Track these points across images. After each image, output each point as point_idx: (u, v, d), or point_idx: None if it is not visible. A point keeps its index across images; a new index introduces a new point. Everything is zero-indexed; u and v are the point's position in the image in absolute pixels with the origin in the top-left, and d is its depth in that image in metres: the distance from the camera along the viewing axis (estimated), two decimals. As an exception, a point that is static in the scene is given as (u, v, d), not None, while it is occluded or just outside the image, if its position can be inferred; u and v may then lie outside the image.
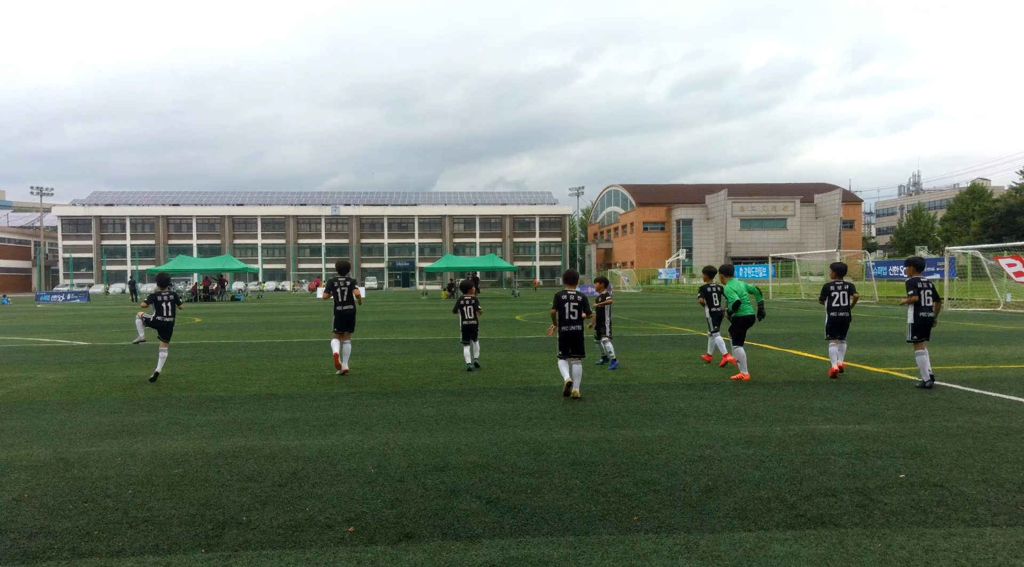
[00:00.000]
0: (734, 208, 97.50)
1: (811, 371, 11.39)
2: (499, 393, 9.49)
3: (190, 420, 7.82)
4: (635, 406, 8.51)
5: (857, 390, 9.56)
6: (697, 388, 9.82)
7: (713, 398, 9.01)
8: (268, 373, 11.61)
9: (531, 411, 8.21)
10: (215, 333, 20.42)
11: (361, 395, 9.38)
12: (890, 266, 41.88)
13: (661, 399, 8.97)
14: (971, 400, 8.77)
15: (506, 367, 12.15)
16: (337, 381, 10.62)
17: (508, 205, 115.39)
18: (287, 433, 7.14)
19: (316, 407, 8.53)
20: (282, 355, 14.27)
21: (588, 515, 4.71)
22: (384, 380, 10.69)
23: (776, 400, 8.86)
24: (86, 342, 17.82)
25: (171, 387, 10.17)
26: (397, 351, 14.85)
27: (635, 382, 10.35)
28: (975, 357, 13.11)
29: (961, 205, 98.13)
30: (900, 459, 6.03)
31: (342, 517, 4.66)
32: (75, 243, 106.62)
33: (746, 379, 10.48)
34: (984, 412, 8.03)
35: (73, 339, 18.82)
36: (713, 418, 7.78)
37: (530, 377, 10.92)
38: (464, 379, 10.78)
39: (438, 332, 19.93)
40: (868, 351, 14.18)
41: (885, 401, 8.72)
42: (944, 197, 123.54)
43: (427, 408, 8.43)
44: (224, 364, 12.85)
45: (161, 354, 11.09)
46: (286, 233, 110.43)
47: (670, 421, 7.64)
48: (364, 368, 12.09)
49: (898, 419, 7.67)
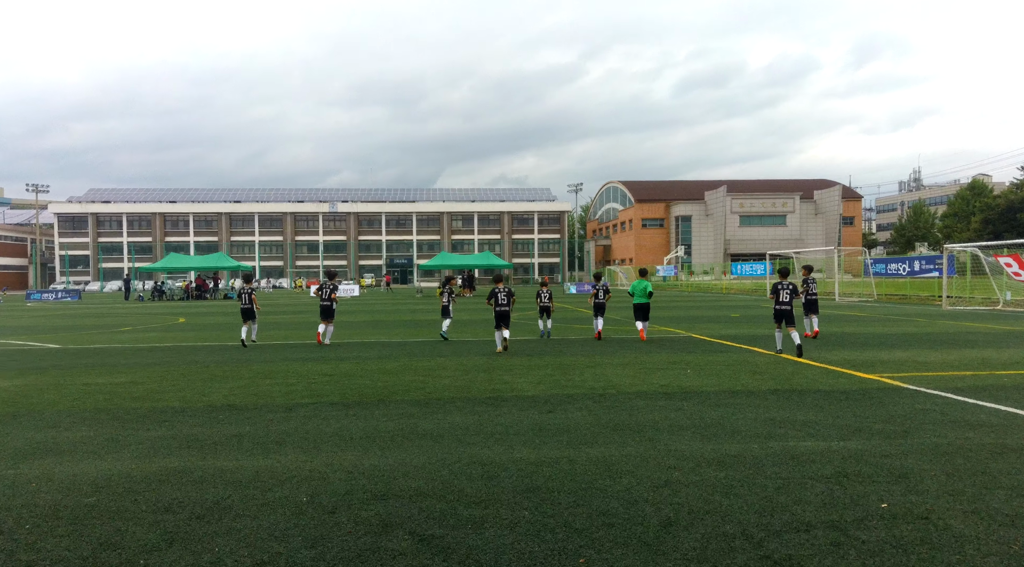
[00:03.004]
0: (733, 204, 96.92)
1: (799, 378, 10.89)
2: (467, 404, 9.00)
3: (129, 437, 7.32)
4: (607, 419, 8.02)
5: (845, 400, 9.06)
6: (676, 398, 9.33)
7: (691, 410, 8.51)
8: (233, 380, 11.12)
9: (496, 425, 7.72)
10: (193, 335, 19.93)
11: (321, 406, 8.89)
12: (888, 263, 41.34)
13: (636, 411, 8.47)
14: (965, 412, 8.26)
15: (481, 373, 11.66)
16: (299, 390, 10.12)
17: (507, 202, 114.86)
18: (228, 452, 6.64)
19: (269, 420, 8.04)
20: (253, 360, 13.78)
21: (530, 557, 4.21)
22: (350, 388, 10.20)
23: (758, 411, 8.36)
24: (57, 345, 17.33)
25: (124, 397, 9.67)
26: (374, 355, 14.35)
27: (612, 391, 9.85)
28: (972, 362, 12.60)
29: (962, 201, 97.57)
30: (883, 484, 5.53)
31: (252, 560, 4.17)
32: (72, 240, 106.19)
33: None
34: (978, 426, 7.53)
35: (46, 342, 18.33)
36: (688, 433, 7.29)
37: (504, 385, 10.42)
38: (435, 387, 10.30)
39: (420, 333, 19.44)
40: (860, 355, 13.68)
41: (874, 413, 8.22)
42: (945, 193, 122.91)
43: (387, 421, 7.93)
44: (190, 370, 12.36)
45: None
46: (284, 230, 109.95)
47: (641, 437, 7.14)
48: (334, 374, 11.61)
49: (885, 435, 7.17)
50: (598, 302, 17.80)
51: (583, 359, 13.41)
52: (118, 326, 24.05)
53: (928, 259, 38.46)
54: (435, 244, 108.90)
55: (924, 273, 37.76)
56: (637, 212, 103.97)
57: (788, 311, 13.70)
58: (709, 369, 11.93)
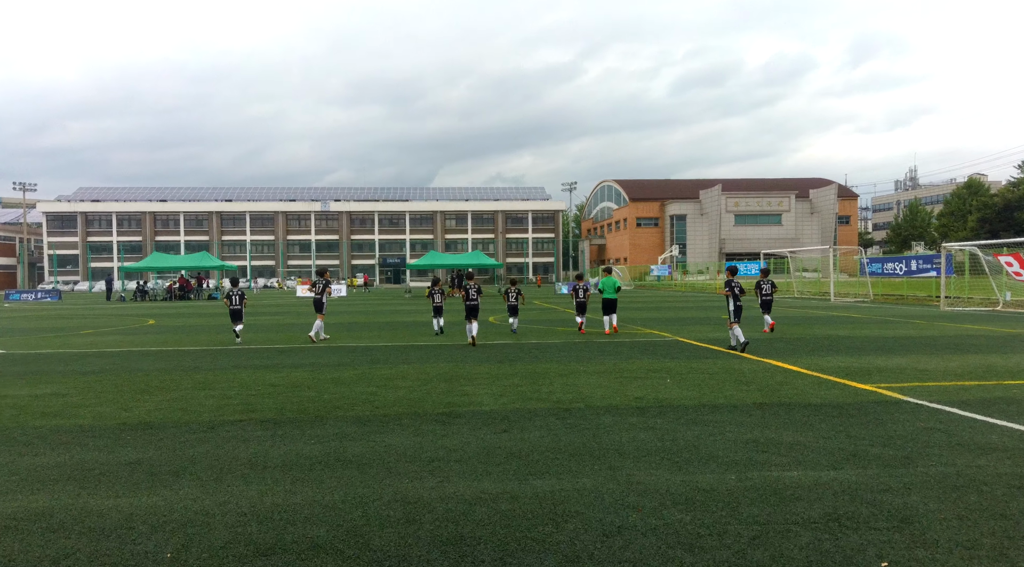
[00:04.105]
0: (728, 203, 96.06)
1: (788, 389, 9.91)
2: (414, 421, 8.00)
3: (9, 464, 6.32)
4: (568, 440, 7.03)
5: (838, 416, 8.08)
6: (651, 413, 8.34)
7: (665, 429, 7.53)
8: (167, 391, 10.10)
9: (438, 449, 6.72)
10: (154, 338, 18.89)
11: (248, 425, 7.88)
12: (885, 263, 40.40)
13: (603, 430, 7.48)
14: (974, 432, 7.29)
15: (442, 383, 10.66)
16: (233, 405, 9.10)
17: (500, 201, 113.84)
18: (110, 486, 5.64)
19: (179, 443, 7.03)
20: (202, 367, 12.76)
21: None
22: (291, 402, 9.19)
23: (740, 430, 7.38)
24: (2, 350, 16.28)
25: (34, 413, 8.65)
26: (334, 361, 13.35)
27: (580, 405, 8.86)
28: (976, 369, 11.64)
29: (958, 200, 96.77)
30: (883, 531, 4.55)
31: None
32: (61, 239, 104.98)
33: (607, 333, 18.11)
34: (990, 450, 6.55)
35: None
36: (656, 459, 6.30)
37: (462, 398, 9.42)
38: (385, 400, 9.30)
39: (395, 337, 18.42)
40: (856, 361, 12.71)
41: (870, 433, 7.24)
42: (941, 192, 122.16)
43: (314, 445, 6.93)
44: (126, 379, 11.34)
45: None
46: (275, 229, 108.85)
47: (602, 464, 6.16)
48: (280, 386, 10.60)
49: (884, 462, 6.19)
50: (579, 301, 19.26)
51: (557, 366, 12.43)
52: (80, 329, 23.00)
53: (925, 258, 37.53)
54: (428, 243, 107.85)
55: (921, 273, 36.84)
56: (631, 211, 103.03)
57: (743, 308, 14.88)
58: (691, 378, 10.95)
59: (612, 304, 18.63)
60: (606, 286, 18.85)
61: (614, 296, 18.66)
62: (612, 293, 18.65)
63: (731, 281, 14.85)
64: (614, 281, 18.86)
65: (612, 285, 18.76)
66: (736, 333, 14.48)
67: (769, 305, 18.78)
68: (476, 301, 16.71)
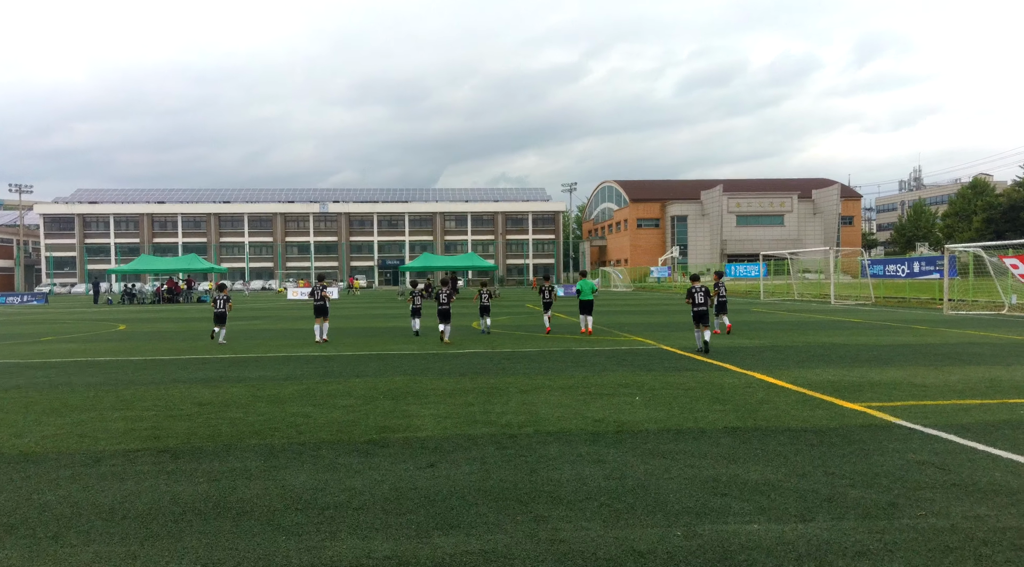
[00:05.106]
0: (730, 204, 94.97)
1: (767, 409, 8.88)
2: (334, 451, 7.01)
3: None
4: (499, 478, 6.03)
5: (818, 445, 7.06)
6: (606, 440, 7.33)
7: (616, 462, 6.52)
8: (76, 412, 9.11)
9: (342, 492, 5.73)
10: (110, 346, 17.92)
11: (141, 456, 6.88)
12: (887, 264, 39.29)
13: (544, 464, 6.48)
14: (974, 467, 6.26)
15: (388, 401, 9.66)
16: (135, 432, 8.09)
17: (500, 202, 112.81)
18: (-78, 545, 4.65)
19: (43, 483, 6.03)
20: (137, 381, 11.77)
21: None
22: (206, 427, 8.20)
23: (702, 465, 6.37)
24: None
25: (-88, 440, 7.67)
26: (283, 374, 12.36)
27: (529, 429, 7.85)
28: (979, 385, 10.59)
29: (963, 200, 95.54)
30: (851, 621, 3.54)
31: None
32: (58, 241, 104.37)
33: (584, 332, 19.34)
34: (993, 493, 5.53)
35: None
36: (594, 505, 5.30)
37: (400, 420, 8.41)
38: (316, 423, 8.30)
39: (366, 345, 17.42)
40: (847, 374, 11.67)
41: (852, 468, 6.22)
42: (946, 192, 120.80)
43: (200, 485, 5.94)
44: (43, 396, 10.35)
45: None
46: (274, 231, 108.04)
47: (527, 514, 5.16)
48: (210, 404, 9.61)
49: (864, 510, 5.17)
50: (545, 301, 20.96)
51: (522, 380, 11.43)
52: (41, 335, 22.07)
53: (928, 260, 36.42)
54: (428, 245, 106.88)
55: (924, 275, 35.73)
56: (632, 212, 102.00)
57: (704, 312, 15.02)
58: (663, 395, 9.94)
59: (588, 305, 19.69)
60: (583, 288, 20.02)
61: (590, 298, 19.81)
62: (588, 295, 19.80)
63: (691, 288, 15.37)
64: (590, 284, 20.13)
65: (588, 287, 19.96)
66: (695, 335, 15.38)
67: (723, 306, 19.19)
68: (447, 305, 18.07)
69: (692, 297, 15.14)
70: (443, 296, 18.08)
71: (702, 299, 15.05)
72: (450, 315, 18.05)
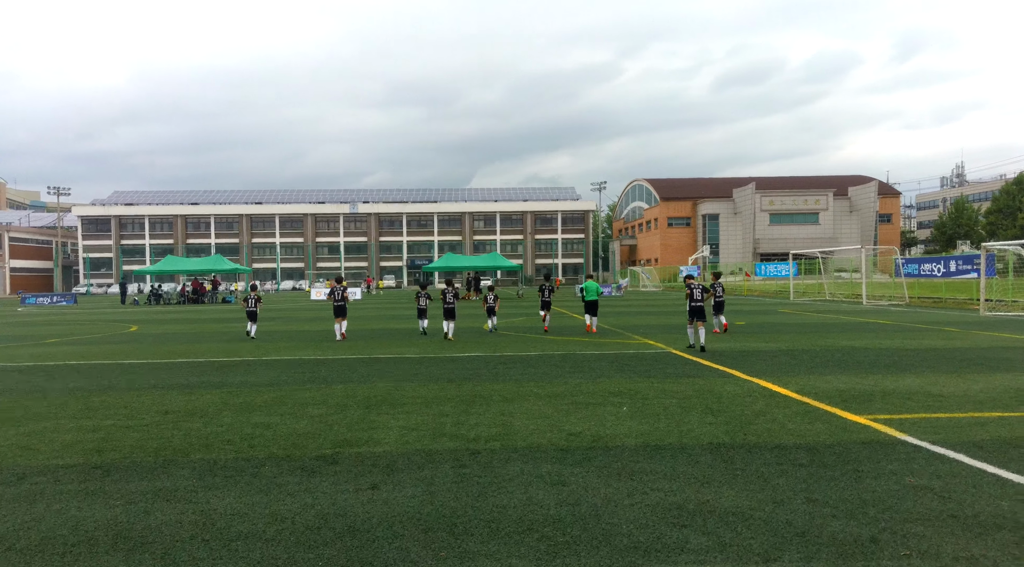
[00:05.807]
0: (763, 202, 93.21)
1: (762, 422, 8.18)
2: (278, 469, 6.50)
3: None
4: (440, 504, 5.46)
5: (808, 465, 6.36)
6: (574, 458, 6.72)
7: (577, 483, 5.91)
8: (33, 421, 8.74)
9: (259, 518, 5.21)
10: (109, 349, 17.72)
11: (69, 473, 6.43)
12: (921, 263, 37.88)
13: (499, 485, 5.89)
14: (978, 493, 5.52)
15: (360, 410, 9.15)
16: (79, 445, 7.66)
17: (529, 201, 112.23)
18: None
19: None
20: (115, 386, 11.42)
21: None
22: (155, 439, 7.75)
23: (671, 488, 5.74)
24: (-63, 364, 15.22)
25: None
26: (265, 381, 11.92)
27: (495, 445, 7.26)
28: (1003, 396, 9.74)
29: (1007, 197, 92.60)
30: None
31: None
32: (95, 243, 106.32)
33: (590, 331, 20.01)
34: (997, 527, 4.82)
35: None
36: (532, 540, 4.70)
37: (362, 433, 7.88)
38: (275, 434, 7.82)
39: (367, 348, 16.96)
40: (860, 381, 10.87)
41: (838, 494, 5.53)
42: (989, 189, 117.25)
43: (114, 508, 5.46)
44: (15, 404, 10.04)
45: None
46: (304, 231, 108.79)
47: (456, 549, 4.58)
48: (175, 413, 9.19)
49: (839, 549, 4.50)
50: (544, 300, 21.72)
51: (509, 387, 10.84)
52: (47, 337, 22.03)
53: (965, 259, 35.00)
54: (457, 245, 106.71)
55: (961, 274, 34.34)
56: (663, 211, 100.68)
57: (699, 308, 15.12)
58: (654, 405, 9.28)
59: (594, 305, 20.55)
60: (589, 289, 20.75)
61: (595, 298, 20.65)
62: (594, 295, 20.61)
63: (689, 283, 15.47)
64: (595, 285, 20.96)
65: (594, 288, 20.73)
66: (688, 332, 15.74)
67: (720, 306, 19.57)
68: (452, 304, 19.02)
69: (690, 292, 15.26)
70: (448, 296, 19.02)
71: (699, 295, 15.17)
72: (455, 314, 18.94)
